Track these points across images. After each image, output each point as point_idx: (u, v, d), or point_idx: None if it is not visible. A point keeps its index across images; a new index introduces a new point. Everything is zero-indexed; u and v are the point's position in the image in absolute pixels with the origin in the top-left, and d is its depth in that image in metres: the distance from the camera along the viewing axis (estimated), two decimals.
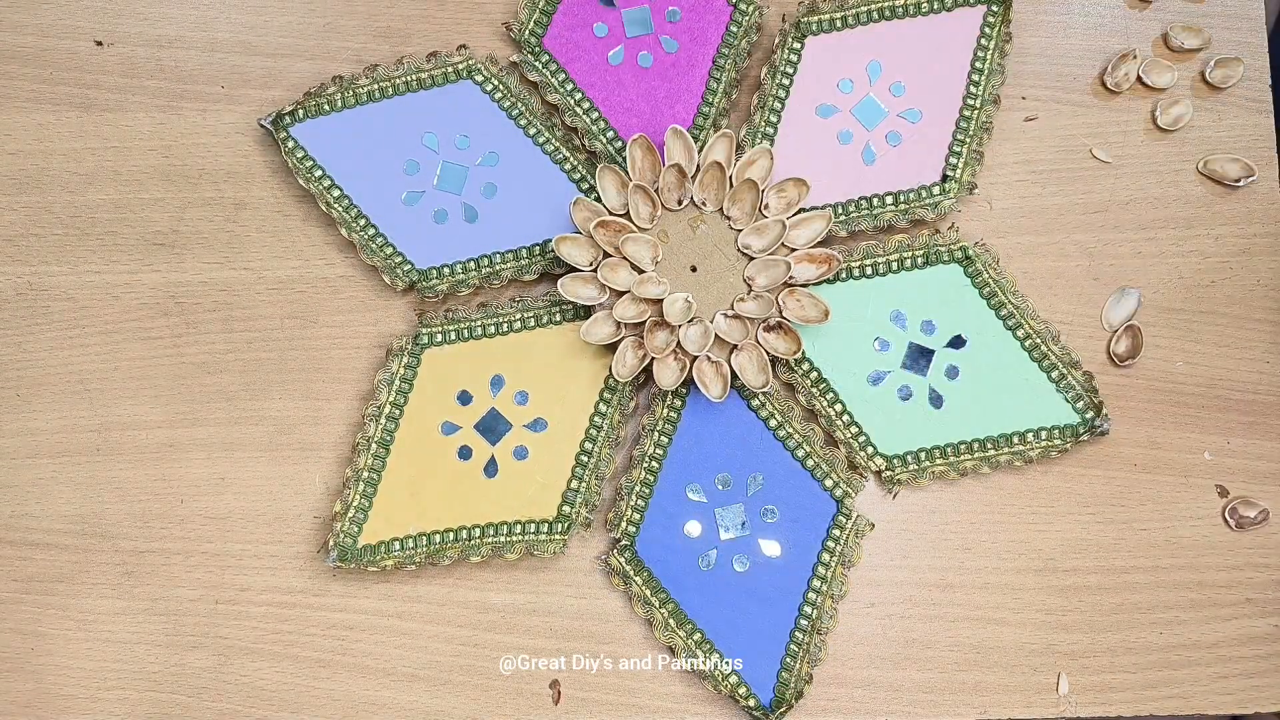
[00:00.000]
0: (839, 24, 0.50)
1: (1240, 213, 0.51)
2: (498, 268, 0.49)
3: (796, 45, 0.50)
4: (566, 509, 0.48)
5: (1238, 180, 0.51)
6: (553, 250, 0.48)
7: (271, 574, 0.48)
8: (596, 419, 0.48)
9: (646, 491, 0.48)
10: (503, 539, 0.47)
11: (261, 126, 0.49)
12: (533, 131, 0.50)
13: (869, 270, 0.49)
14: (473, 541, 0.47)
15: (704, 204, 0.48)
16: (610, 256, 0.47)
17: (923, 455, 0.48)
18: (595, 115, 0.50)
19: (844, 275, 0.49)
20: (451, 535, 0.47)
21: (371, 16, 0.52)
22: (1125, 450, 0.49)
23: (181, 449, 0.49)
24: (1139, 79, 0.52)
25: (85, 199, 0.51)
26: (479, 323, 0.49)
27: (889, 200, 0.50)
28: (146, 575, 0.48)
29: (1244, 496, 0.49)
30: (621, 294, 0.47)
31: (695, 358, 0.46)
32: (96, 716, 0.48)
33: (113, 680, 0.48)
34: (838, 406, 0.49)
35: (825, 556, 0.47)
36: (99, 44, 0.52)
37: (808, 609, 0.47)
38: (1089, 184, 0.51)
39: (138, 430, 0.49)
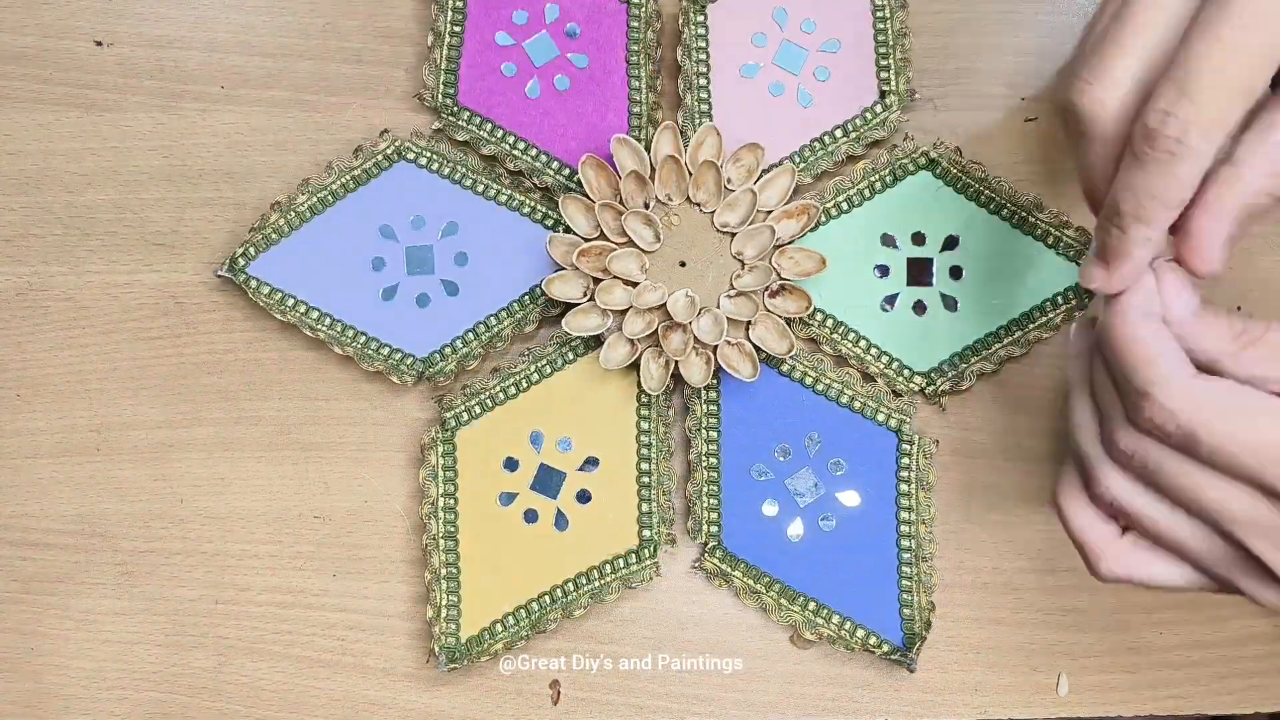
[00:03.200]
0: None
1: None
2: (496, 329, 0.49)
3: (700, 18, 0.51)
4: (647, 533, 0.48)
5: None
6: (543, 294, 0.48)
7: (271, 574, 0.48)
8: (643, 438, 0.48)
9: (715, 489, 0.48)
10: (598, 584, 0.47)
11: (220, 277, 0.48)
12: (480, 189, 0.50)
13: (845, 206, 0.50)
14: (569, 597, 0.47)
15: (669, 199, 0.48)
16: (601, 280, 0.47)
17: (957, 359, 0.49)
18: (535, 153, 0.50)
19: (824, 220, 0.50)
20: (549, 599, 0.47)
21: (371, 16, 0.52)
22: None
23: (181, 449, 0.49)
24: None
25: (85, 199, 0.51)
26: (498, 388, 0.48)
27: (839, 134, 0.50)
28: (146, 575, 0.48)
29: None
30: (624, 312, 0.47)
31: (716, 346, 0.47)
32: (96, 716, 0.48)
33: (113, 680, 0.48)
34: (863, 343, 0.49)
35: (904, 486, 0.48)
36: (99, 44, 0.52)
37: (905, 541, 0.47)
38: None
39: (137, 430, 0.49)
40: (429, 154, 0.50)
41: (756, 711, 0.48)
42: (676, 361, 0.46)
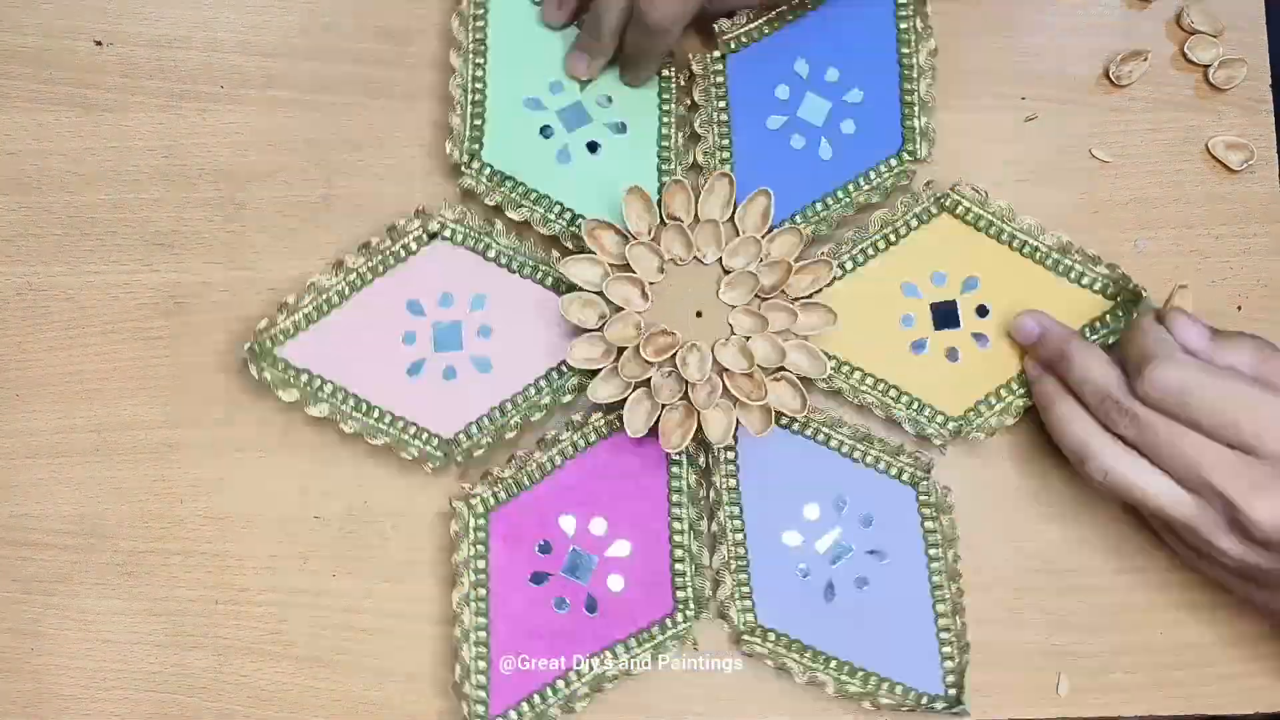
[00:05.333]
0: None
1: (1240, 213, 0.51)
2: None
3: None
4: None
5: (1238, 165, 0.51)
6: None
7: (271, 574, 0.48)
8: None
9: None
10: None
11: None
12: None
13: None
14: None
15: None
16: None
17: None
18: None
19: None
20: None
21: (372, 16, 0.52)
22: None
23: (181, 449, 0.49)
24: (1183, 54, 0.52)
25: (85, 199, 0.51)
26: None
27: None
28: (146, 575, 0.48)
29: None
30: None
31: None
32: (96, 717, 0.48)
33: (113, 680, 0.48)
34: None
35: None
36: (99, 44, 0.52)
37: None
38: (1089, 184, 0.51)
39: (137, 430, 0.49)
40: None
41: (756, 711, 0.48)
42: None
